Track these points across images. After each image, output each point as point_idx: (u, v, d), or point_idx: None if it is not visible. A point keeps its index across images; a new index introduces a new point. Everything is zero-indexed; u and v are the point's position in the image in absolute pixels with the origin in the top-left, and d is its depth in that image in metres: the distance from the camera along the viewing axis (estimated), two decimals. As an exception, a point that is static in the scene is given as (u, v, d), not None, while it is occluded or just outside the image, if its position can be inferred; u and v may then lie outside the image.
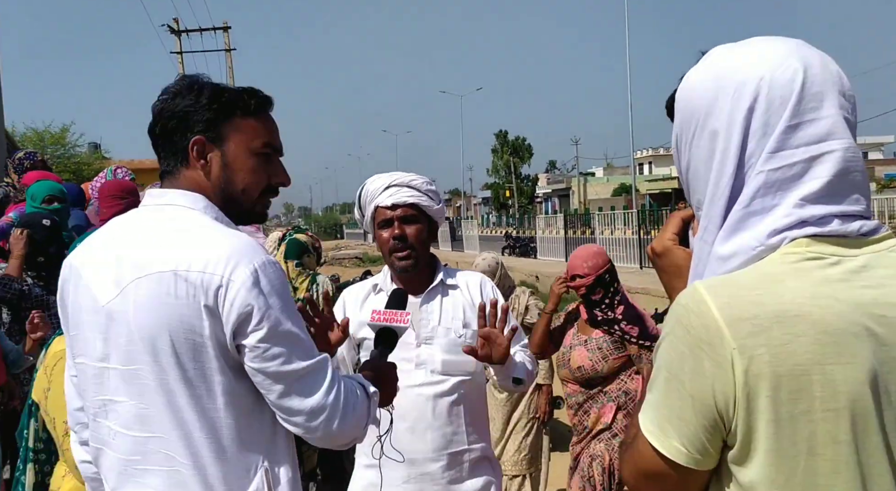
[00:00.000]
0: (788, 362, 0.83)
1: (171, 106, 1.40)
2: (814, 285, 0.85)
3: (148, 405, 1.31)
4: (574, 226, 19.18)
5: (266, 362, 1.29)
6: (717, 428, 0.87)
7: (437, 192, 2.19)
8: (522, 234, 25.21)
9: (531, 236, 22.84)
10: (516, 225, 34.11)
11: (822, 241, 0.88)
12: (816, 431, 0.84)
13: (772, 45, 0.93)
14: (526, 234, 25.20)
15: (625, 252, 15.67)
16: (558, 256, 18.63)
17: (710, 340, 0.85)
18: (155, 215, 1.39)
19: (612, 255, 16.13)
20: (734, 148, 0.91)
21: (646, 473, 0.92)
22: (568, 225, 18.98)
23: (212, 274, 1.27)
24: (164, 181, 1.44)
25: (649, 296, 11.06)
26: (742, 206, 0.90)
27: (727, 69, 0.93)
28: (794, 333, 0.83)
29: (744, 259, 0.89)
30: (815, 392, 0.83)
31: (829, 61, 0.92)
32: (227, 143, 1.42)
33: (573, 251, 3.48)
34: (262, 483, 1.33)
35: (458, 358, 2.09)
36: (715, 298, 0.86)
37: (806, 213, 0.88)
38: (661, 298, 10.20)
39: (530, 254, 21.41)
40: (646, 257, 14.77)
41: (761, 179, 0.89)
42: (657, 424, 0.90)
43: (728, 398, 0.85)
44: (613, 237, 16.44)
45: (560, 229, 19.17)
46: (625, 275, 13.79)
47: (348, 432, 1.39)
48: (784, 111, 0.89)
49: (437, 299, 2.17)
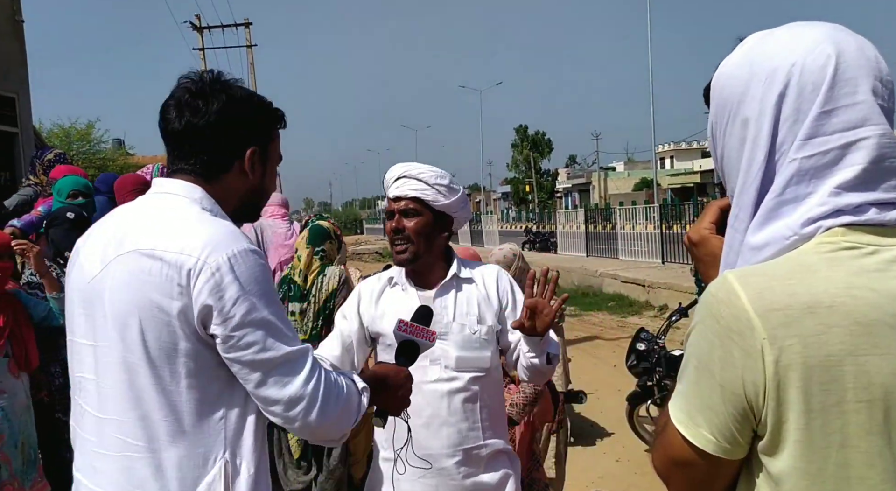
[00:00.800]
0: (820, 353, 0.82)
1: (218, 109, 1.39)
2: (849, 275, 0.84)
3: (109, 384, 1.32)
4: (595, 221, 19.07)
5: (240, 351, 1.28)
6: (746, 418, 0.86)
7: (449, 187, 2.13)
8: (543, 229, 25.12)
9: (551, 231, 22.75)
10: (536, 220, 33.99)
11: (859, 231, 0.86)
12: (849, 422, 0.82)
13: (806, 30, 0.91)
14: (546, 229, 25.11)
15: (647, 247, 15.55)
16: (579, 252, 18.54)
17: (741, 329, 0.84)
18: (152, 203, 1.42)
19: (634, 250, 16.12)
20: (765, 135, 0.89)
21: (675, 461, 0.92)
22: (588, 220, 18.86)
23: (188, 255, 1.28)
24: (178, 176, 1.43)
25: (672, 290, 10.97)
26: (775, 195, 0.89)
27: (760, 55, 0.92)
28: (827, 323, 0.82)
29: (777, 249, 0.88)
30: (848, 383, 0.82)
31: (867, 46, 0.90)
32: (269, 154, 1.49)
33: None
34: (219, 474, 1.31)
35: (473, 354, 2.09)
36: (745, 287, 0.85)
37: (842, 202, 0.86)
38: (683, 293, 10.11)
39: (550, 249, 21.34)
40: (668, 252, 14.65)
41: (794, 167, 0.87)
42: (686, 413, 0.89)
43: (758, 388, 0.84)
44: (635, 232, 16.31)
45: (581, 224, 19.05)
46: (647, 270, 13.78)
47: (330, 425, 1.37)
48: (816, 97, 0.87)
49: (451, 294, 2.15)
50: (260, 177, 1.47)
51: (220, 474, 1.31)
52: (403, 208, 2.11)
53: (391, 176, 2.17)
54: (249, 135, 1.44)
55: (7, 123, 9.26)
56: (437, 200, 2.11)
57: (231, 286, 1.27)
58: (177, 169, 1.43)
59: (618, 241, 16.86)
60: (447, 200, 2.12)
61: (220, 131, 1.40)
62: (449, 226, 2.19)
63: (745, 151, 0.92)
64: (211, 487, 1.31)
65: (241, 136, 1.43)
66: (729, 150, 0.95)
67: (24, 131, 9.52)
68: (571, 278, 14.49)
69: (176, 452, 1.30)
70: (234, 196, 1.45)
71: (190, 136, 1.41)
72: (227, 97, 1.41)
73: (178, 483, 1.30)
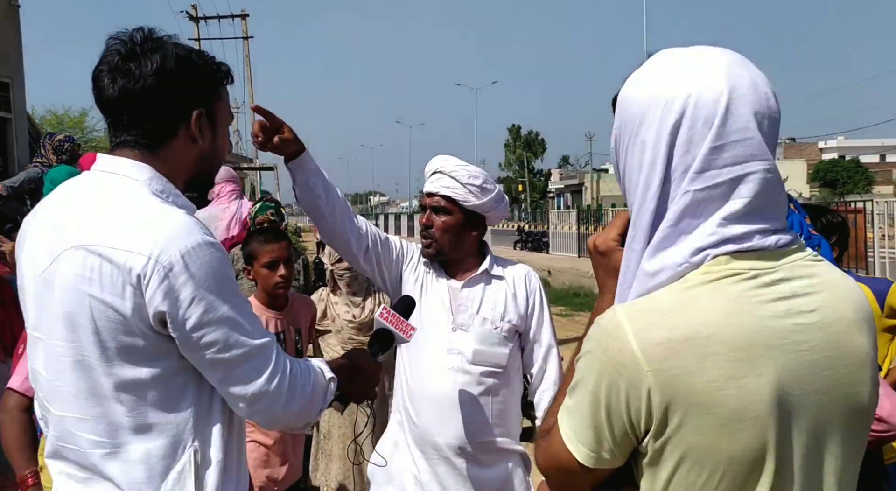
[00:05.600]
0: (702, 380, 0.88)
1: (153, 71, 1.28)
2: (728, 303, 0.91)
3: (65, 384, 1.27)
4: (587, 221, 19.13)
5: (200, 351, 1.24)
6: (627, 437, 0.94)
7: (482, 187, 2.13)
8: (535, 229, 25.16)
9: (543, 231, 22.78)
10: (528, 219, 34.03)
11: (742, 257, 0.93)
12: (735, 440, 0.89)
13: (705, 61, 0.96)
14: (538, 228, 25.15)
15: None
16: (571, 252, 18.60)
17: (626, 361, 0.91)
18: (100, 184, 1.31)
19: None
20: (661, 162, 0.95)
21: (557, 467, 1.02)
22: (581, 221, 18.93)
23: (137, 254, 1.20)
24: (122, 150, 1.32)
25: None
26: (669, 224, 0.94)
27: (660, 82, 0.97)
28: (705, 352, 0.89)
29: (669, 275, 0.94)
30: (731, 405, 0.88)
31: (760, 81, 0.95)
32: (216, 115, 1.38)
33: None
34: (188, 463, 1.28)
35: (491, 349, 2.10)
36: (632, 323, 0.92)
37: (728, 232, 0.92)
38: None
39: (542, 249, 21.38)
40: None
41: (688, 199, 0.93)
42: (573, 430, 0.98)
43: (640, 414, 0.91)
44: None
45: (573, 225, 19.13)
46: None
47: (296, 416, 1.36)
48: (708, 132, 0.92)
49: (480, 287, 2.17)
50: (210, 140, 1.37)
51: (189, 463, 1.28)
52: (435, 205, 2.14)
53: (429, 168, 2.19)
54: (192, 96, 1.32)
55: (1, 109, 9.22)
56: (468, 200, 2.12)
57: (185, 287, 1.20)
58: (119, 142, 1.32)
59: (609, 242, 16.89)
60: (478, 201, 2.13)
61: (159, 95, 1.28)
62: (481, 224, 2.21)
63: (642, 175, 0.97)
64: (181, 477, 1.28)
65: (183, 98, 1.31)
66: (630, 170, 1.00)
67: (17, 117, 9.47)
68: (563, 279, 14.55)
69: (143, 445, 1.26)
70: (184, 165, 1.36)
71: (127, 104, 1.29)
72: (161, 57, 1.29)
73: (147, 474, 1.27)
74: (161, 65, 1.28)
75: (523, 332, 2.19)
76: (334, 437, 3.32)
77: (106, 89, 1.29)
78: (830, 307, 0.94)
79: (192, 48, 1.38)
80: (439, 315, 2.14)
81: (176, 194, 1.33)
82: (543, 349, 2.20)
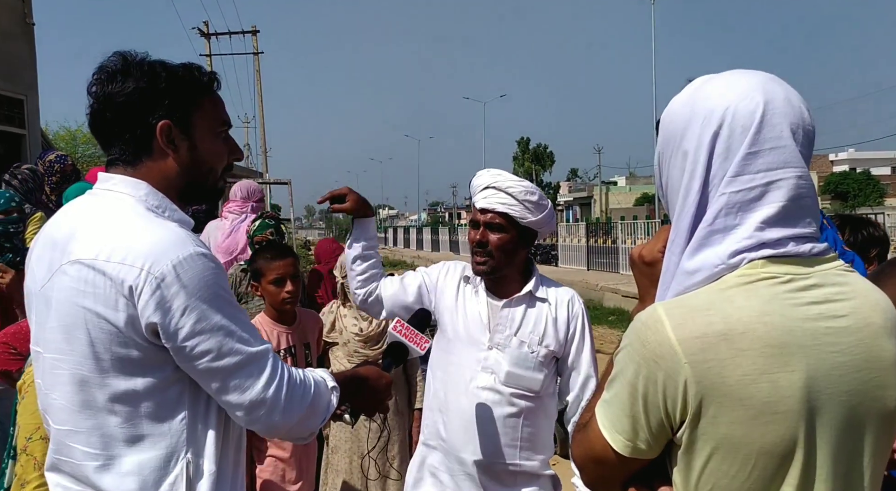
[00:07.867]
0: (736, 373, 0.93)
1: (121, 88, 1.31)
2: (762, 303, 0.95)
3: (59, 396, 1.29)
4: (596, 234, 19.11)
5: (194, 361, 1.25)
6: (663, 428, 0.99)
7: (538, 203, 2.08)
8: (544, 242, 25.14)
9: (552, 244, 22.77)
10: (538, 232, 33.95)
11: (778, 262, 0.98)
12: (766, 432, 0.94)
13: (742, 78, 1.03)
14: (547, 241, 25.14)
15: (646, 262, 15.54)
16: (580, 265, 18.57)
17: (664, 353, 0.96)
18: (98, 201, 1.35)
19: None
20: (701, 168, 1.00)
21: (594, 458, 1.06)
22: (590, 233, 18.91)
23: (129, 266, 1.22)
24: (114, 168, 1.37)
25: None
26: (707, 224, 1.00)
27: (701, 98, 1.04)
28: (740, 348, 0.93)
29: (707, 275, 0.99)
30: (763, 398, 0.93)
31: (794, 97, 1.01)
32: (193, 126, 1.37)
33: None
34: (181, 475, 1.28)
35: (524, 373, 2.06)
36: (670, 318, 0.97)
37: (765, 236, 0.97)
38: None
39: (551, 261, 21.35)
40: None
41: (724, 200, 0.98)
42: (610, 420, 1.02)
43: (677, 404, 0.96)
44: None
45: (582, 237, 19.12)
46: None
47: (295, 425, 1.35)
48: (745, 138, 0.98)
49: (521, 309, 2.11)
50: (187, 151, 1.37)
51: (181, 475, 1.28)
52: (489, 222, 2.07)
53: (479, 183, 2.11)
54: (154, 109, 1.32)
55: (15, 125, 9.33)
56: (524, 217, 2.06)
57: (177, 297, 1.22)
58: (110, 160, 1.38)
59: (619, 255, 16.90)
60: (534, 217, 2.07)
61: (120, 113, 1.32)
62: (532, 240, 2.17)
63: (683, 181, 1.03)
64: (173, 488, 1.28)
65: (144, 112, 1.32)
66: (672, 180, 1.06)
67: (31, 133, 9.59)
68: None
69: (136, 457, 1.27)
70: (167, 179, 1.36)
71: (100, 125, 1.35)
72: (121, 76, 1.32)
73: (139, 485, 1.27)
74: (120, 83, 1.32)
75: (561, 358, 2.14)
76: (341, 451, 3.32)
77: (88, 114, 1.36)
78: (860, 313, 0.98)
79: (161, 61, 1.38)
80: (476, 331, 2.11)
81: (172, 209, 1.36)
82: (581, 378, 2.13)
